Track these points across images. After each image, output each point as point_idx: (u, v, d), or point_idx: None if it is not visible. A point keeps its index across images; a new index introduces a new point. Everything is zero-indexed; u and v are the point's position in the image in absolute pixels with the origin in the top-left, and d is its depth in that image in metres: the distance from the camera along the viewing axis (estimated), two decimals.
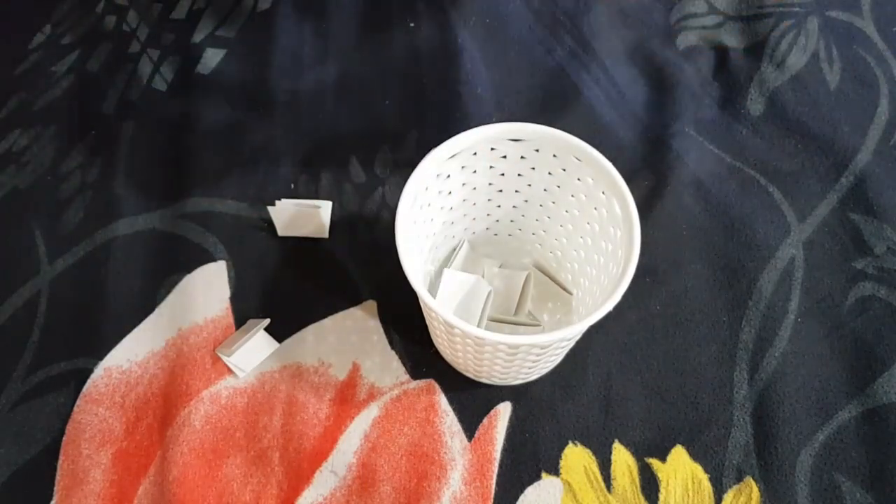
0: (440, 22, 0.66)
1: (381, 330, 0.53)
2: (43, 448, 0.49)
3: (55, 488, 0.48)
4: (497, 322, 0.52)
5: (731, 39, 0.65)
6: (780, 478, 0.47)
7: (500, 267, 0.54)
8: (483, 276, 0.53)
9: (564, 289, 0.52)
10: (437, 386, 0.51)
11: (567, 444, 0.48)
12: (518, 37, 0.66)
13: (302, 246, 0.56)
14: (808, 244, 0.55)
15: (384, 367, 0.51)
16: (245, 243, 0.56)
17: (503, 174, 0.48)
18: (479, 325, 0.50)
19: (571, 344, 0.48)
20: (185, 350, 0.51)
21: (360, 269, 0.55)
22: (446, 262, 0.54)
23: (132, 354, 0.52)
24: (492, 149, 0.45)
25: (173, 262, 0.55)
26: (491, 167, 0.47)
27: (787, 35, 0.64)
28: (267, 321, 0.52)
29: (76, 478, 0.48)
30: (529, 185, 0.49)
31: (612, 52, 0.64)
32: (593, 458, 0.48)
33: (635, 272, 0.39)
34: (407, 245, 0.40)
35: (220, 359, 0.51)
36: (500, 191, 0.50)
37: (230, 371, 0.51)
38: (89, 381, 0.51)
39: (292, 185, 0.58)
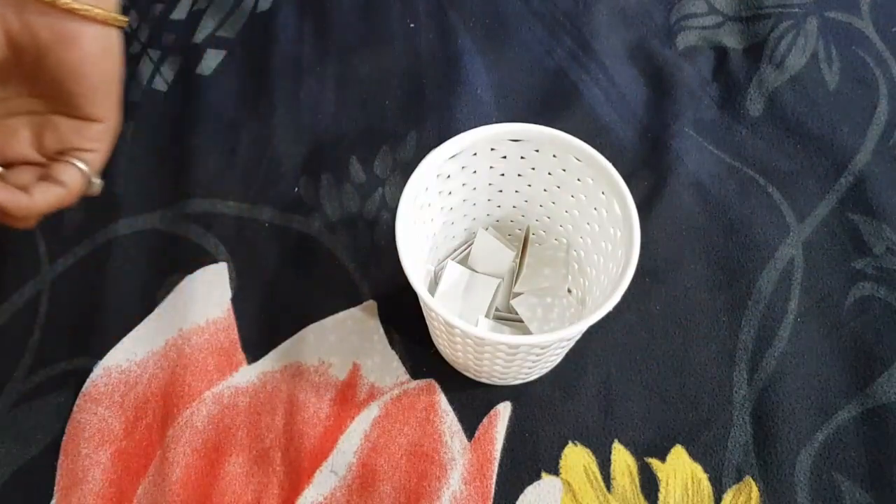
0: (440, 22, 0.66)
1: (381, 330, 0.53)
2: (43, 448, 0.49)
3: (55, 488, 0.48)
4: (500, 320, 0.52)
5: (731, 40, 0.65)
6: (779, 477, 0.47)
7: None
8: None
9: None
10: (437, 386, 0.51)
11: (567, 443, 0.49)
12: (518, 37, 0.66)
13: (302, 247, 0.56)
14: (808, 244, 0.55)
15: (384, 367, 0.51)
16: (246, 244, 0.56)
17: (503, 175, 0.48)
18: (487, 318, 0.51)
19: (571, 344, 0.48)
20: (186, 351, 0.52)
21: (360, 269, 0.55)
22: (446, 262, 0.54)
23: (131, 354, 0.52)
24: (492, 149, 0.45)
25: (174, 262, 0.55)
26: (491, 167, 0.47)
27: (786, 36, 0.64)
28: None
29: (75, 477, 0.48)
30: (529, 186, 0.49)
31: (611, 53, 0.65)
32: (593, 457, 0.48)
33: (635, 272, 0.39)
34: (407, 245, 0.40)
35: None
36: (501, 191, 0.50)
37: (232, 371, 0.51)
38: (88, 381, 0.51)
39: (296, 189, 0.58)
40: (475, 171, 0.47)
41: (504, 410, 0.50)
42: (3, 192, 0.36)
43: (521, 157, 0.46)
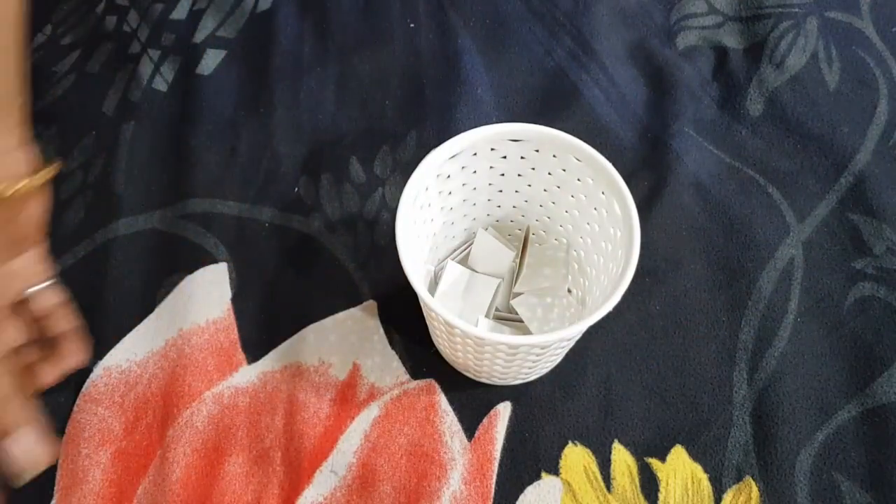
0: (440, 22, 0.66)
1: (381, 330, 0.53)
2: None
3: (55, 488, 0.48)
4: (500, 320, 0.52)
5: (731, 40, 0.65)
6: (779, 477, 0.47)
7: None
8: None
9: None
10: (437, 386, 0.51)
11: (567, 443, 0.49)
12: (518, 37, 0.66)
13: (302, 247, 0.56)
14: (808, 244, 0.55)
15: (384, 367, 0.51)
16: (246, 244, 0.56)
17: (503, 175, 0.48)
18: (487, 318, 0.51)
19: (571, 344, 0.48)
20: (186, 351, 0.52)
21: (360, 269, 0.55)
22: (446, 262, 0.54)
23: (131, 354, 0.52)
24: (492, 149, 0.46)
25: (174, 262, 0.55)
26: (491, 167, 0.47)
27: (786, 36, 0.64)
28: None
29: (76, 477, 0.48)
30: (529, 186, 0.49)
31: (611, 53, 0.65)
32: (593, 457, 0.48)
33: (635, 272, 0.39)
34: (407, 245, 0.40)
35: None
36: (501, 191, 0.50)
37: (232, 371, 0.51)
38: (88, 381, 0.51)
39: (296, 189, 0.58)
40: (475, 171, 0.47)
41: (504, 410, 0.50)
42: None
43: (521, 157, 0.46)
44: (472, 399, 0.50)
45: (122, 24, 0.67)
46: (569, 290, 0.52)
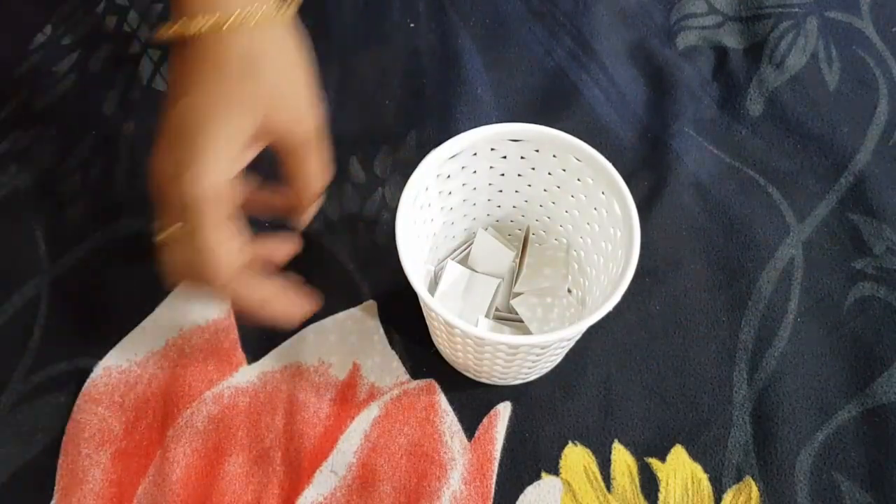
0: (440, 22, 0.66)
1: (381, 330, 0.53)
2: (43, 448, 0.49)
3: (55, 488, 0.48)
4: (500, 320, 0.52)
5: (731, 40, 0.65)
6: (779, 477, 0.47)
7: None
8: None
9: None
10: (437, 386, 0.51)
11: (567, 443, 0.49)
12: (518, 37, 0.66)
13: (302, 247, 0.56)
14: (808, 244, 0.55)
15: (384, 367, 0.51)
16: None
17: (503, 175, 0.48)
18: (487, 318, 0.51)
19: (571, 344, 0.48)
20: (186, 351, 0.52)
21: (360, 269, 0.55)
22: (446, 262, 0.54)
23: (131, 354, 0.52)
24: (492, 149, 0.46)
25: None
26: (491, 167, 0.47)
27: (786, 35, 0.64)
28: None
29: (76, 477, 0.48)
30: (529, 186, 0.49)
31: (611, 53, 0.65)
32: (593, 457, 0.48)
33: (635, 272, 0.39)
34: (407, 245, 0.40)
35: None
36: (501, 191, 0.50)
37: (232, 371, 0.51)
38: (88, 381, 0.51)
39: None
40: (475, 171, 0.47)
41: (504, 410, 0.50)
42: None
43: (521, 157, 0.46)
44: (472, 399, 0.50)
45: (122, 24, 0.67)
46: (569, 290, 0.52)
